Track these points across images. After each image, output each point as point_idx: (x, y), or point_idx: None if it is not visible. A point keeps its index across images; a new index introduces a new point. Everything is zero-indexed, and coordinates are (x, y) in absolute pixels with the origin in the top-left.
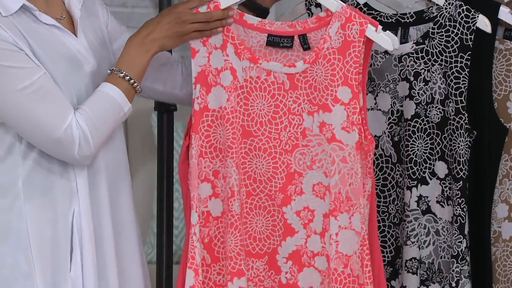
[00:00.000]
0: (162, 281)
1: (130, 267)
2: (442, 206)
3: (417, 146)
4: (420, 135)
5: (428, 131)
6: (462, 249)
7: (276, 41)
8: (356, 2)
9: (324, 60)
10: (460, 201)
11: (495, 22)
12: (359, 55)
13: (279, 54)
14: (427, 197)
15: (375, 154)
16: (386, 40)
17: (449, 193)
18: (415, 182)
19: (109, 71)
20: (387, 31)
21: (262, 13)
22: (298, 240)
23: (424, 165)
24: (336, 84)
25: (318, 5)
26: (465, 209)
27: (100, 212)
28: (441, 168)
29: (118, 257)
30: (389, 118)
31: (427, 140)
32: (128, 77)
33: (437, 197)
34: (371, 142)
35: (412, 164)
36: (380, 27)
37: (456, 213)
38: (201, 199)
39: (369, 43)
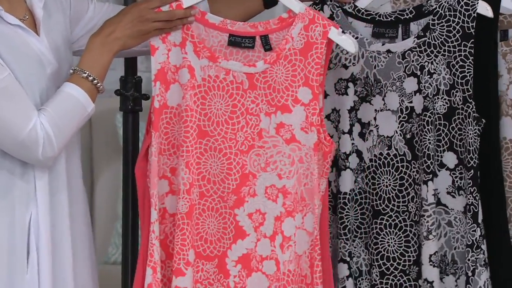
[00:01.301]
0: (128, 281)
1: (84, 271)
2: (454, 197)
3: (429, 139)
4: (430, 128)
5: (435, 123)
6: (476, 238)
7: (237, 41)
8: (353, 5)
9: (285, 61)
10: (472, 190)
11: (498, 8)
12: (321, 56)
13: (239, 54)
14: (436, 189)
15: (388, 155)
16: (349, 42)
17: (460, 183)
18: (430, 175)
19: (71, 70)
20: (347, 33)
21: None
22: (248, 243)
23: (434, 157)
24: (296, 84)
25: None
26: (477, 198)
27: (59, 216)
28: (450, 159)
29: (74, 261)
30: (399, 117)
31: (434, 132)
32: (91, 77)
33: (447, 188)
34: (332, 144)
35: (426, 158)
36: (340, 29)
37: (469, 202)
38: (159, 196)
39: (330, 45)
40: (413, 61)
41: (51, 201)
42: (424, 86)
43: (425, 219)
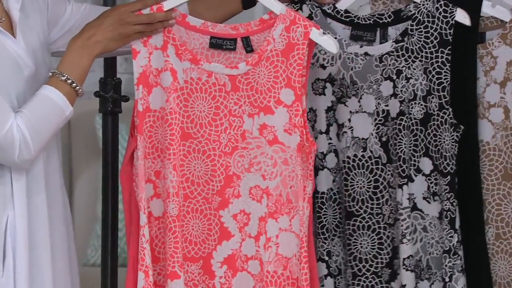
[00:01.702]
0: (107, 283)
1: (63, 274)
2: (429, 202)
3: (404, 144)
4: (406, 132)
5: (412, 128)
6: (453, 244)
7: (219, 43)
8: (332, 6)
9: (267, 62)
10: (449, 196)
11: (478, 15)
12: (303, 57)
13: (221, 56)
14: (413, 194)
15: (363, 157)
16: (330, 43)
17: (436, 188)
18: (405, 180)
19: (50, 73)
20: (328, 34)
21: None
22: (233, 244)
23: (410, 162)
24: (279, 86)
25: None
26: (454, 204)
27: (37, 219)
28: (426, 164)
29: (53, 264)
30: (375, 119)
31: (411, 137)
32: (70, 81)
33: (423, 194)
34: (313, 144)
35: (401, 162)
36: (321, 30)
37: (446, 208)
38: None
39: (311, 46)
40: (390, 65)
41: (28, 203)
42: (401, 90)
43: (399, 223)
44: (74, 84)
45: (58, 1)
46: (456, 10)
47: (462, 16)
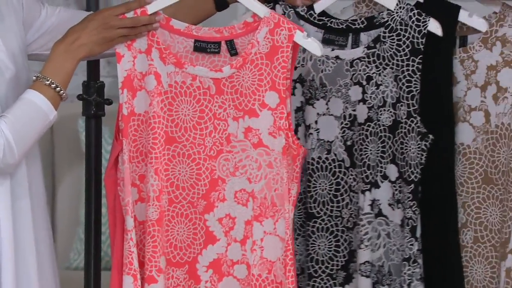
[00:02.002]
0: (90, 287)
1: (47, 277)
2: (393, 209)
3: (370, 150)
4: (373, 139)
5: (380, 134)
6: (413, 252)
7: (203, 47)
8: (305, 8)
9: (251, 65)
10: (411, 204)
11: (455, 24)
12: (287, 60)
13: (205, 60)
14: (378, 200)
15: (327, 159)
16: (315, 46)
17: (399, 196)
18: (369, 186)
19: (34, 77)
20: (312, 37)
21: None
22: (219, 248)
23: (376, 168)
24: (263, 89)
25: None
26: (416, 212)
27: (22, 223)
28: (392, 171)
29: (38, 268)
30: (342, 123)
31: (379, 143)
32: (54, 85)
33: (388, 200)
34: (300, 147)
35: (366, 168)
36: (305, 33)
37: (408, 216)
38: None
39: (295, 49)
40: (360, 70)
41: (13, 208)
42: (370, 96)
43: (359, 228)
44: (58, 89)
45: (33, 2)
46: (429, 20)
47: (434, 26)
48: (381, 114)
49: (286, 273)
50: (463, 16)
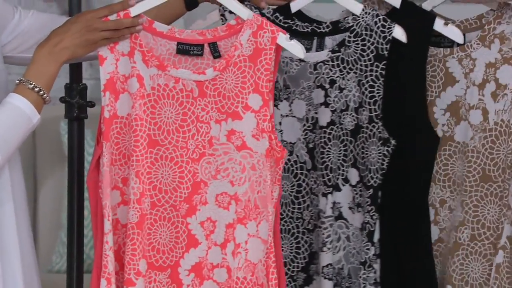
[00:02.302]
0: None
1: (31, 281)
2: (353, 213)
3: (332, 153)
4: (335, 142)
5: (342, 138)
6: (369, 256)
7: (186, 49)
8: (272, 11)
9: (234, 68)
10: (370, 209)
11: (430, 32)
12: (270, 62)
13: (188, 62)
14: (339, 203)
15: (289, 161)
16: (298, 48)
17: (360, 200)
18: (330, 189)
19: (17, 81)
20: (295, 39)
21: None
22: (200, 251)
23: (338, 171)
24: (246, 91)
25: (232, 12)
26: (374, 217)
27: (6, 227)
28: (353, 175)
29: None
30: (304, 125)
31: (341, 147)
32: (38, 89)
33: (349, 203)
34: (283, 150)
35: (328, 171)
36: (288, 35)
37: (366, 220)
38: (111, 206)
39: (278, 51)
40: (324, 73)
41: None
42: (333, 100)
43: (321, 231)
44: (42, 92)
45: (5, 5)
46: (394, 26)
47: (399, 33)
48: (343, 118)
49: (269, 276)
50: (438, 25)
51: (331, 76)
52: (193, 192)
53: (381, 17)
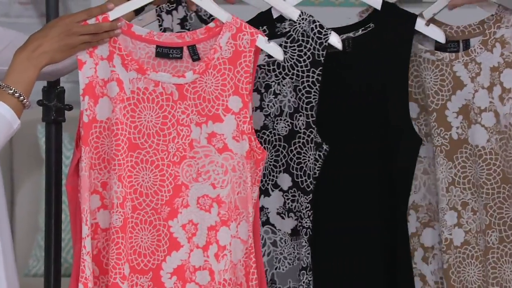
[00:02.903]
0: None
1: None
2: (283, 218)
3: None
4: (266, 146)
5: (274, 143)
6: (310, 261)
7: (165, 52)
8: (208, 14)
9: (214, 70)
10: (309, 214)
11: (412, 32)
12: (250, 65)
13: (167, 65)
14: (267, 208)
15: None
16: (277, 50)
17: (291, 205)
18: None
19: None
20: (273, 41)
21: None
22: (182, 254)
23: (268, 176)
24: (227, 94)
25: (169, 12)
26: (313, 222)
27: None
28: (285, 180)
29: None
30: None
31: (272, 152)
32: (17, 94)
33: (277, 209)
34: (264, 152)
35: None
36: (266, 37)
37: (306, 225)
38: (91, 211)
39: (257, 53)
40: (259, 78)
41: None
42: (268, 105)
43: None
44: (21, 97)
45: None
46: (330, 33)
47: (335, 40)
48: (277, 123)
49: (249, 276)
50: (419, 25)
51: (266, 81)
52: (175, 195)
53: (317, 23)
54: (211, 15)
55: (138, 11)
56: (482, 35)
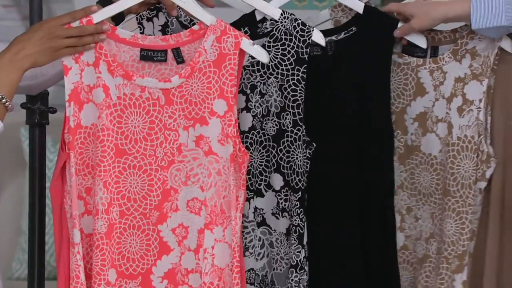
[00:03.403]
0: None
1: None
2: (277, 218)
3: (254, 158)
4: (256, 147)
5: (264, 143)
6: (300, 259)
7: (149, 55)
8: (189, 19)
9: (199, 74)
10: (299, 212)
11: (393, 37)
12: (234, 67)
13: (152, 68)
14: (262, 209)
15: None
16: (262, 53)
17: (285, 205)
18: (252, 193)
19: None
20: (257, 44)
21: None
22: (173, 258)
23: (260, 177)
24: (212, 97)
25: (150, 20)
26: (304, 220)
27: None
28: (277, 180)
29: None
30: None
31: (263, 152)
32: (0, 97)
33: (272, 209)
34: (245, 154)
35: (250, 176)
36: (251, 40)
37: (295, 223)
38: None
39: (241, 56)
40: (244, 79)
41: None
42: (254, 105)
43: (244, 235)
44: (4, 100)
45: None
46: (313, 30)
47: (318, 37)
48: (265, 123)
49: (233, 280)
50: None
51: (251, 81)
52: (163, 199)
53: (299, 21)
54: (191, 20)
55: (118, 21)
56: (453, 44)
